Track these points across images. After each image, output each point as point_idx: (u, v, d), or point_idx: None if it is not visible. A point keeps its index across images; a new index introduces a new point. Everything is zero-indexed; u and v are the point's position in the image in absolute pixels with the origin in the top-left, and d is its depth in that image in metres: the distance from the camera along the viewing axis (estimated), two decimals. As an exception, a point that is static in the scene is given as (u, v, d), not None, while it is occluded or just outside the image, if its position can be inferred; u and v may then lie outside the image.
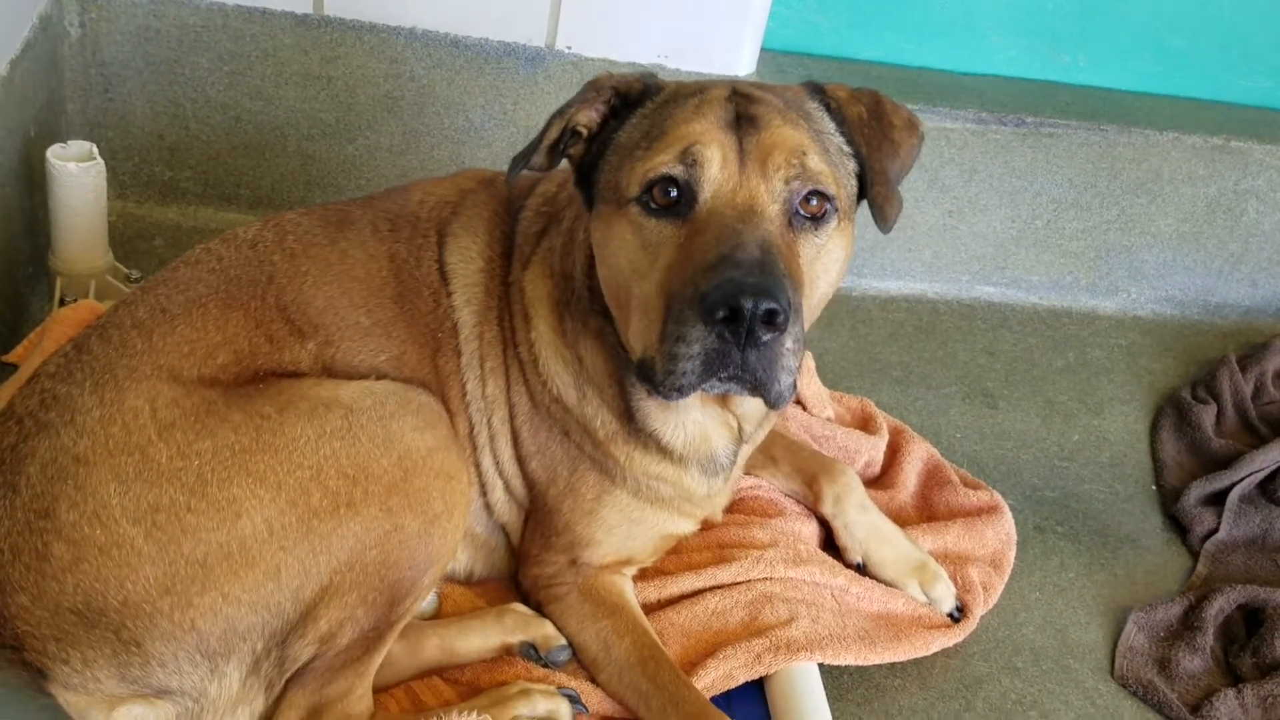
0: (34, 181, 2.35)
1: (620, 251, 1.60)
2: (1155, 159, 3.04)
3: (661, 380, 1.52)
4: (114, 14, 2.57)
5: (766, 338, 1.45)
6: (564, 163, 1.71)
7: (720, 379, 1.49)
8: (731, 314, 1.43)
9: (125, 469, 1.46)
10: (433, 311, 1.81)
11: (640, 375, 1.59)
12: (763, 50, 2.90)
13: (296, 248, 1.79)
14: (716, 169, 1.53)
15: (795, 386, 1.54)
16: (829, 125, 1.67)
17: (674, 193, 1.55)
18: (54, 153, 2.24)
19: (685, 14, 2.74)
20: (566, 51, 2.74)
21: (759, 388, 1.50)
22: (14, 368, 2.18)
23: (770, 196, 1.54)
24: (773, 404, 1.53)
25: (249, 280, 1.73)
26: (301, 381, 1.62)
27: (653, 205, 1.56)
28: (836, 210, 1.59)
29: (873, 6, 3.10)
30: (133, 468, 1.46)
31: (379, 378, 1.72)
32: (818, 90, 1.69)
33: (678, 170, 1.54)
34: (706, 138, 1.54)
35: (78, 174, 2.24)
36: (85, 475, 1.45)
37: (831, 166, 1.60)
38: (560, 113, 1.65)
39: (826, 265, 1.61)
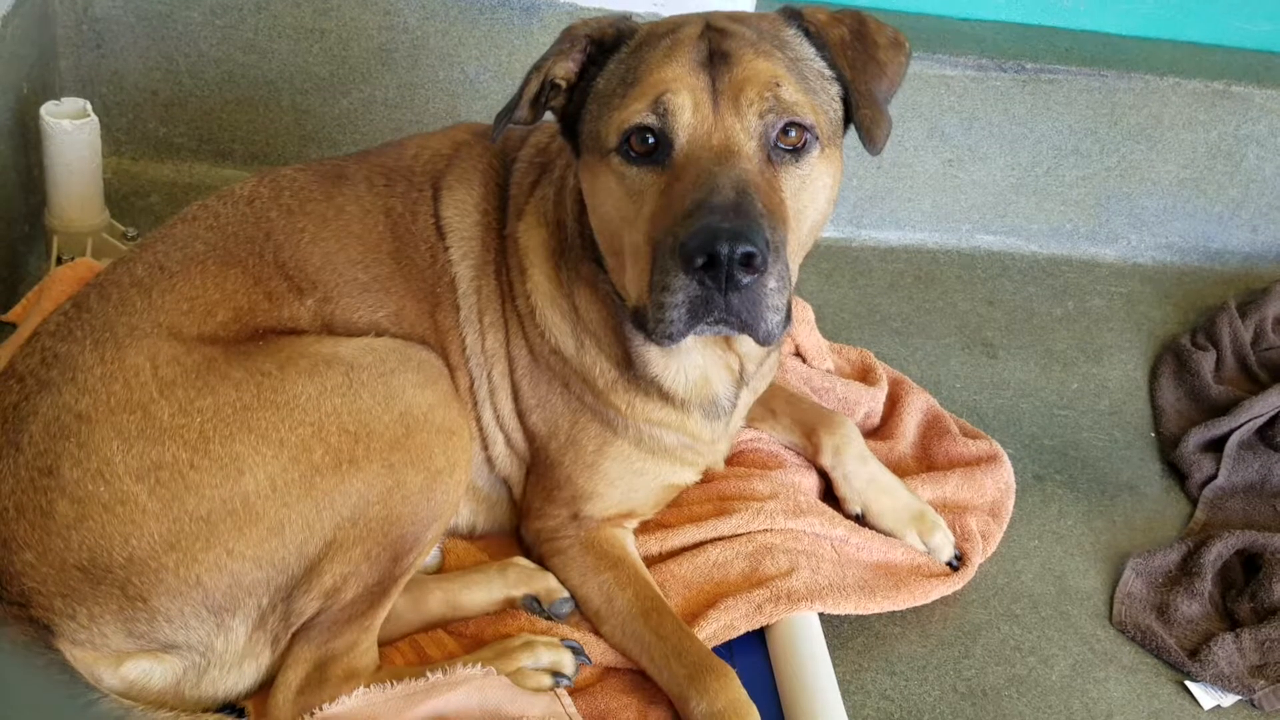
0: (28, 140, 2.34)
1: (607, 201, 1.59)
2: (1155, 104, 3.02)
3: (653, 328, 1.53)
4: (104, -32, 2.55)
5: (746, 280, 1.45)
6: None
7: (708, 323, 1.51)
8: (709, 261, 1.43)
9: (127, 426, 1.46)
10: (430, 266, 1.80)
11: (635, 322, 1.59)
12: (760, -3, 2.87)
13: (293, 204, 1.78)
14: (689, 115, 1.52)
15: (786, 322, 1.54)
16: (808, 51, 1.64)
17: (651, 140, 1.54)
18: (48, 110, 2.23)
19: (681, -40, 2.70)
20: (562, 0, 2.70)
21: (747, 327, 1.51)
22: (13, 327, 2.18)
23: (746, 134, 1.53)
24: (762, 341, 1.53)
25: (247, 237, 1.73)
26: (302, 338, 1.62)
27: (633, 154, 1.55)
28: (817, 139, 1.57)
29: (871, -48, 3.07)
30: (135, 425, 1.46)
31: (379, 334, 1.72)
32: (795, 15, 1.66)
33: (651, 119, 1.53)
34: (677, 84, 1.53)
35: (72, 131, 2.22)
36: (88, 433, 1.46)
37: (809, 94, 1.58)
38: (537, 66, 1.63)
39: (813, 195, 1.59)
